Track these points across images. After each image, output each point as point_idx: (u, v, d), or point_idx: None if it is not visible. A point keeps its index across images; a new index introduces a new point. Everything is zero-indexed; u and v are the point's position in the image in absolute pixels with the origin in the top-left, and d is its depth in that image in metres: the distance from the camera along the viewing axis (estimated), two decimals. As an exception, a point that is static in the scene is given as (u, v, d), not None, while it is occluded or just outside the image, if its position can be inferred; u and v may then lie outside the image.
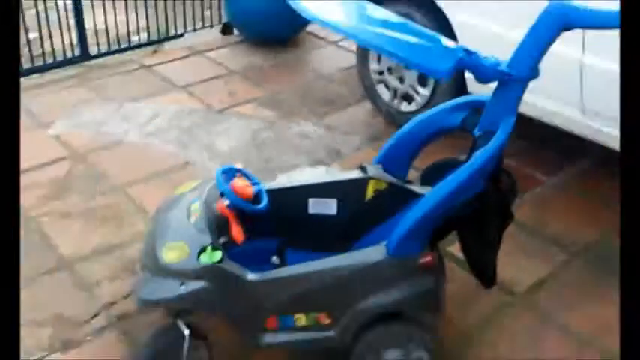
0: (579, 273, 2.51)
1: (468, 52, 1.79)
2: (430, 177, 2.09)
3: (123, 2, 4.28)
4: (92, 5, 4.17)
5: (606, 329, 2.23)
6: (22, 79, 3.93)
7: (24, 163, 3.04)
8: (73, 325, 2.23)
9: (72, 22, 4.10)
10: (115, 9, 4.33)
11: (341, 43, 4.56)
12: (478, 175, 1.82)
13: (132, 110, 3.61)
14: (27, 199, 2.84)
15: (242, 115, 3.61)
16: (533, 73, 1.78)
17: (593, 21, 1.71)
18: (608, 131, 2.63)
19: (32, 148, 3.20)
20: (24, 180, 2.96)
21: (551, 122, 2.86)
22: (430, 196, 1.84)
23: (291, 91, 3.91)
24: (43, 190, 2.92)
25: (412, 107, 3.36)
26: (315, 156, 3.25)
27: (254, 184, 2.04)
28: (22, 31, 4.19)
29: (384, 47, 1.74)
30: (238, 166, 2.07)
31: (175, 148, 3.28)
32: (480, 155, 1.81)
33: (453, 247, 2.40)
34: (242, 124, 3.52)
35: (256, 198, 2.00)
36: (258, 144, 3.34)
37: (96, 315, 2.28)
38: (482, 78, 1.80)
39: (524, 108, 2.77)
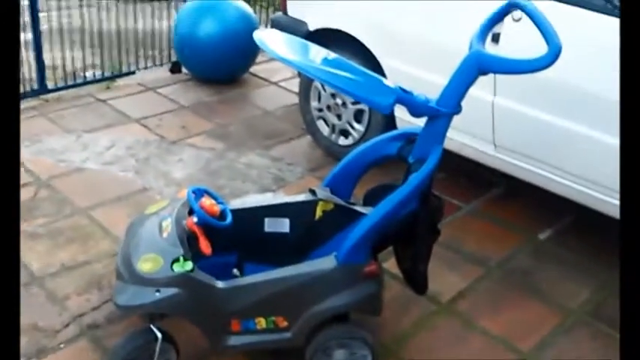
0: (494, 285, 2.75)
1: (404, 90, 2.02)
2: (371, 198, 2.28)
3: (77, 39, 4.37)
4: (50, 41, 4.23)
5: (520, 332, 2.47)
6: (-19, 110, 3.95)
7: (-10, 188, 3.09)
8: (47, 334, 2.29)
9: (29, 55, 4.16)
10: (71, 45, 4.40)
11: (281, 83, 4.77)
12: (412, 196, 2.04)
13: (90, 140, 3.69)
14: (-6, 220, 2.87)
15: (194, 146, 3.74)
16: (457, 109, 2.02)
17: (504, 68, 1.98)
18: (516, 163, 2.93)
19: (-4, 173, 3.24)
20: (-10, 203, 2.99)
21: (467, 155, 3.13)
22: (374, 212, 2.04)
23: (238, 124, 4.07)
24: (9, 212, 2.96)
25: (349, 141, 3.58)
26: (262, 183, 3.42)
27: (219, 202, 2.19)
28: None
29: (335, 84, 1.93)
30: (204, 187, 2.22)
31: (133, 175, 3.38)
32: (414, 178, 2.03)
33: (388, 264, 2.61)
34: (194, 154, 3.66)
35: (222, 215, 2.15)
36: (210, 172, 3.48)
37: (67, 325, 2.34)
38: (416, 113, 2.03)
39: (445, 142, 3.07)
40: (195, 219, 2.08)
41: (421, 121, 2.09)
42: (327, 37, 3.40)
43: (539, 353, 2.39)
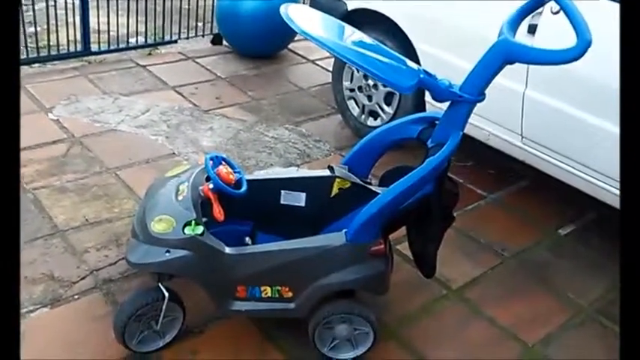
0: (508, 275, 2.68)
1: (427, 73, 1.96)
2: (388, 179, 2.24)
3: (125, 5, 4.40)
4: (98, 6, 4.27)
5: (527, 324, 2.41)
6: (27, 67, 4.02)
7: (26, 141, 3.15)
8: (62, 285, 2.32)
9: (74, 19, 4.20)
10: (117, 12, 4.42)
11: (318, 62, 4.73)
12: (427, 179, 1.99)
13: (126, 103, 3.72)
14: (27, 172, 2.93)
15: (225, 117, 3.74)
16: (480, 97, 1.96)
17: (530, 57, 1.90)
18: (542, 156, 2.84)
19: (34, 128, 3.30)
20: (25, 156, 3.05)
21: (494, 145, 3.05)
22: (386, 193, 2.00)
23: (271, 99, 4.05)
24: (41, 165, 3.01)
25: (377, 122, 3.53)
26: (287, 157, 3.40)
27: (236, 171, 2.18)
28: (28, 24, 4.29)
29: (358, 62, 1.89)
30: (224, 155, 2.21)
31: (163, 139, 3.40)
32: (430, 162, 1.97)
33: (401, 246, 2.57)
34: (225, 124, 3.66)
35: (237, 184, 2.14)
36: (238, 143, 3.48)
37: (84, 277, 2.37)
38: (438, 97, 1.98)
39: (473, 132, 3.00)
40: (210, 185, 2.07)
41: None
42: (365, 19, 3.35)
43: (543, 347, 2.32)
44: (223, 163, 2.17)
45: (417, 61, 3.12)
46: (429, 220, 2.12)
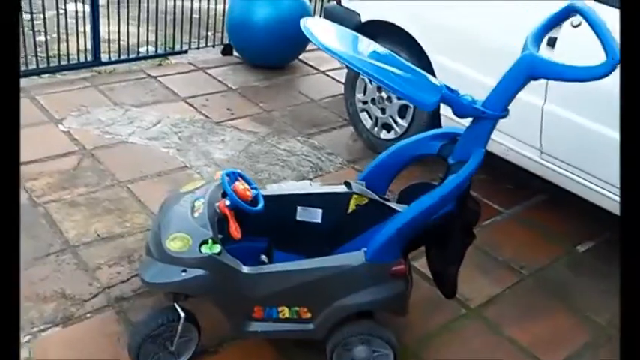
0: (526, 294, 2.63)
1: (449, 89, 1.92)
2: (407, 196, 2.20)
3: (135, 14, 4.37)
4: (108, 15, 4.24)
5: (547, 344, 2.35)
6: (37, 77, 3.99)
7: (37, 154, 3.12)
8: (74, 302, 2.28)
9: (85, 28, 4.17)
10: (127, 21, 4.40)
11: (329, 73, 4.69)
12: (449, 198, 1.94)
13: (137, 115, 3.68)
14: (38, 186, 2.90)
15: (237, 129, 3.70)
16: (504, 112, 1.91)
17: (556, 74, 1.85)
18: (561, 172, 2.79)
19: (44, 141, 3.27)
20: (36, 169, 3.02)
21: (512, 160, 3.00)
22: (407, 212, 1.96)
23: (282, 110, 4.01)
24: (52, 179, 2.97)
25: (391, 136, 3.49)
26: (300, 170, 3.35)
27: (252, 188, 2.13)
28: (38, 32, 4.27)
29: (379, 77, 1.84)
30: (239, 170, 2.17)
31: (175, 152, 3.36)
32: (452, 180, 1.93)
33: (418, 263, 2.52)
34: (236, 136, 3.62)
35: (254, 201, 2.10)
36: (250, 155, 3.44)
37: (95, 295, 2.33)
38: (460, 113, 1.93)
39: (491, 146, 2.94)
40: (227, 202, 2.03)
41: (467, 122, 1.99)
42: (379, 30, 3.31)
43: (565, 369, 2.27)
44: (240, 179, 2.13)
45: (433, 74, 3.09)
46: (449, 239, 2.07)
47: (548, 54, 2.58)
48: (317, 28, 1.92)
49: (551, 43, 2.62)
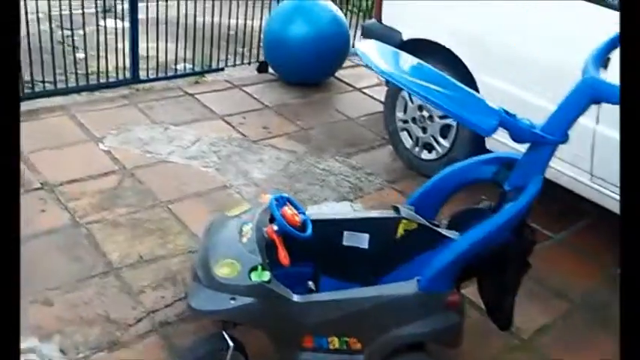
0: (577, 322, 2.54)
1: (507, 113, 1.86)
2: (458, 222, 2.15)
3: (171, 31, 4.37)
4: (147, 32, 4.27)
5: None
6: (76, 95, 4.01)
7: (78, 173, 3.13)
8: (119, 327, 2.26)
9: (122, 44, 4.19)
10: (164, 37, 4.42)
11: (366, 90, 4.66)
12: (507, 226, 1.88)
13: (176, 133, 3.68)
14: (80, 206, 2.89)
15: (275, 147, 3.67)
16: (564, 137, 1.85)
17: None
18: (612, 196, 2.70)
19: (85, 159, 3.28)
20: (78, 188, 3.02)
21: (561, 183, 2.92)
22: (463, 240, 1.90)
23: (319, 129, 3.98)
24: (94, 199, 2.97)
25: (432, 156, 3.43)
26: (340, 191, 3.31)
27: (301, 212, 2.09)
28: (77, 49, 4.31)
29: (440, 103, 1.79)
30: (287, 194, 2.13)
31: (214, 171, 3.34)
32: (510, 208, 1.87)
33: (466, 290, 2.45)
34: (275, 155, 3.59)
35: (302, 226, 2.05)
36: (289, 175, 3.40)
37: (140, 320, 2.30)
38: (519, 138, 1.87)
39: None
40: (275, 227, 1.99)
41: (513, 142, 1.92)
42: (422, 48, 3.25)
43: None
44: (288, 203, 2.09)
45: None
46: (505, 269, 2.00)
47: (601, 75, 2.51)
48: (371, 52, 1.89)
49: (604, 64, 2.54)
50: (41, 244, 2.62)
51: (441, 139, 3.36)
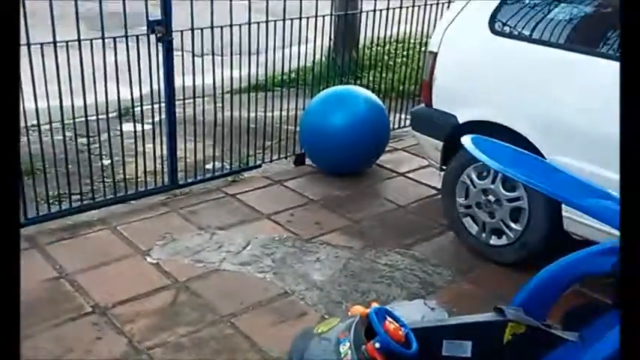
0: None
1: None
2: (574, 321, 1.95)
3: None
4: (185, 136, 4.14)
5: None
6: (112, 207, 3.84)
7: (130, 292, 2.95)
8: None
9: (154, 148, 4.06)
10: (204, 139, 4.33)
11: (409, 175, 4.53)
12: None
13: (224, 238, 3.52)
14: (136, 329, 2.70)
15: (329, 244, 3.51)
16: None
17: None
18: None
19: (135, 276, 3.11)
20: (131, 309, 2.84)
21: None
22: (605, 344, 1.69)
23: (371, 220, 3.83)
24: (150, 319, 2.77)
25: (502, 241, 3.25)
26: (409, 287, 3.11)
27: (402, 325, 1.90)
28: (104, 156, 4.17)
29: (567, 198, 1.66)
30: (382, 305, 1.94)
31: (271, 276, 3.16)
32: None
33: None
34: (331, 252, 3.42)
35: (406, 341, 1.86)
36: (351, 274, 3.22)
37: None
38: None
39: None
40: (377, 345, 1.79)
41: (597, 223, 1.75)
42: (480, 131, 3.13)
43: None
44: (387, 316, 1.90)
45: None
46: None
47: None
48: (483, 148, 1.77)
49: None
50: (101, 377, 2.41)
51: (512, 224, 3.18)
